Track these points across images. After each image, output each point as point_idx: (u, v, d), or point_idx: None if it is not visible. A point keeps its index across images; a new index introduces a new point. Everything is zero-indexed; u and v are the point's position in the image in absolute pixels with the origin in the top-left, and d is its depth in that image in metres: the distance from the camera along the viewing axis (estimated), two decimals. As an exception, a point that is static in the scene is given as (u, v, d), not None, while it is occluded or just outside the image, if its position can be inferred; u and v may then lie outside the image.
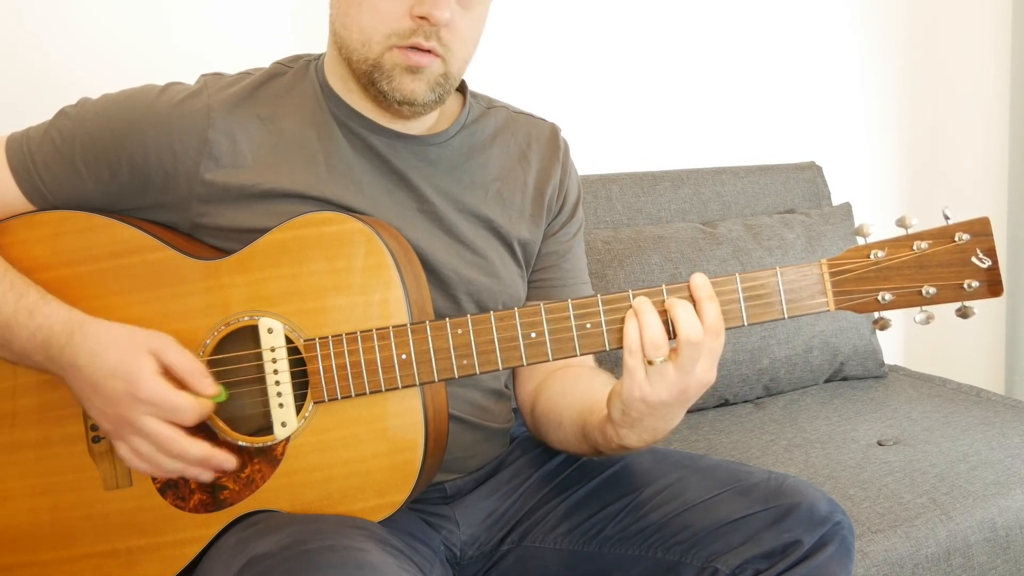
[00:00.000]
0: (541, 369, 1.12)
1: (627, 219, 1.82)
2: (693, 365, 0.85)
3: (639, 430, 0.90)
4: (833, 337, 1.83)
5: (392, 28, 0.95)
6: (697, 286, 0.86)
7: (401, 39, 0.95)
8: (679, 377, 0.85)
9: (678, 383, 0.85)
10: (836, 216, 1.94)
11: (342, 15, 0.98)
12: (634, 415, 0.88)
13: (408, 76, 0.96)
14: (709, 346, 0.85)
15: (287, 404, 0.93)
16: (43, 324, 0.91)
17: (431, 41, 0.95)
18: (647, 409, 0.87)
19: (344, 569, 0.78)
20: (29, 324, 0.91)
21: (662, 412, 0.88)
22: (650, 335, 0.85)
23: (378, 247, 0.93)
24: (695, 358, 0.85)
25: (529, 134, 1.15)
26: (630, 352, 0.86)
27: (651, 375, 0.85)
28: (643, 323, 0.85)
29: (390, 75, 0.96)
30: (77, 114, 1.00)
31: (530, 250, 1.13)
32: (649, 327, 0.85)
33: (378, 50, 0.96)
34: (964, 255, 0.87)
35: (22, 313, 0.92)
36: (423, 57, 0.96)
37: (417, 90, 0.97)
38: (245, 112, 1.00)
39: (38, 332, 0.91)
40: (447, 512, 1.08)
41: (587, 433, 0.98)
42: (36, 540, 0.96)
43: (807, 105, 2.22)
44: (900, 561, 1.25)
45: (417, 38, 0.95)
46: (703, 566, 0.96)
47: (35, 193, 0.99)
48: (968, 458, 1.47)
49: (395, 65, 0.96)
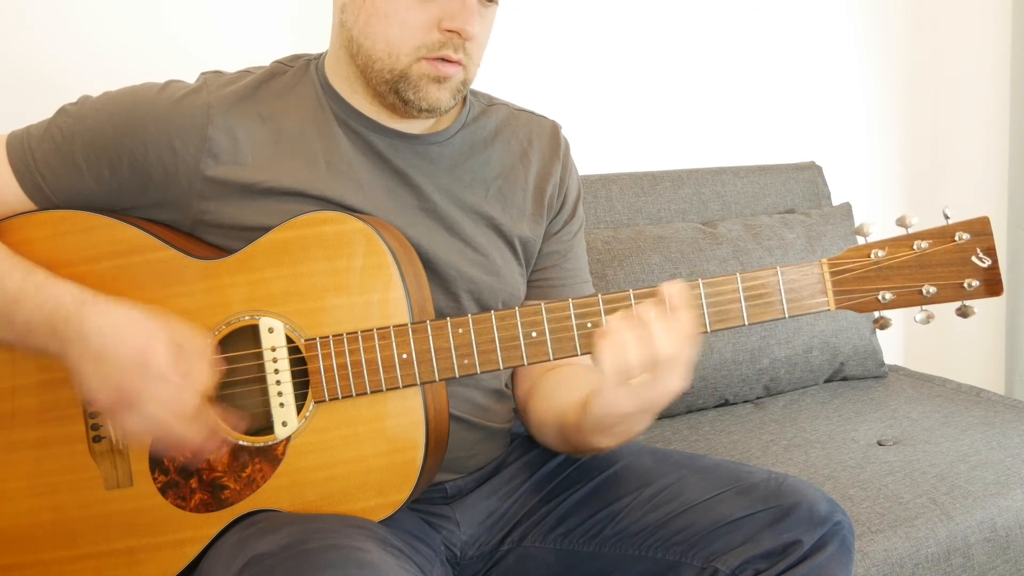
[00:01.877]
0: (534, 369, 1.12)
1: (627, 219, 1.82)
2: (670, 378, 0.86)
3: (611, 436, 0.94)
4: (833, 337, 1.83)
5: (421, 41, 0.96)
6: (671, 295, 0.87)
7: (430, 51, 0.97)
8: (647, 391, 0.87)
9: (646, 395, 0.87)
10: (836, 216, 1.94)
11: (363, 24, 0.98)
12: (606, 424, 0.91)
13: (434, 86, 0.98)
14: (684, 356, 0.86)
15: (288, 404, 0.93)
16: (51, 295, 0.91)
17: (459, 53, 0.97)
18: (620, 419, 0.90)
19: (344, 569, 0.78)
20: (36, 297, 0.91)
21: (630, 420, 0.90)
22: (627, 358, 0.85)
23: (379, 247, 0.93)
24: (673, 370, 0.86)
25: (530, 131, 1.15)
26: (605, 373, 0.86)
27: (626, 391, 0.87)
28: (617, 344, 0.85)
29: (417, 85, 0.98)
30: (77, 111, 1.00)
31: (531, 248, 1.13)
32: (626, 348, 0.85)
33: (406, 62, 0.97)
34: (964, 254, 0.87)
35: (30, 287, 0.92)
36: (451, 68, 0.98)
37: (442, 98, 0.99)
38: (245, 110, 1.00)
39: (45, 304, 0.91)
40: (447, 512, 1.08)
41: (566, 436, 1.01)
42: (37, 540, 0.96)
43: (807, 105, 2.22)
44: (900, 561, 1.25)
45: (446, 50, 0.97)
46: (703, 566, 0.96)
47: (36, 191, 0.99)
48: (968, 458, 1.47)
49: (422, 76, 0.97)
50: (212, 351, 0.92)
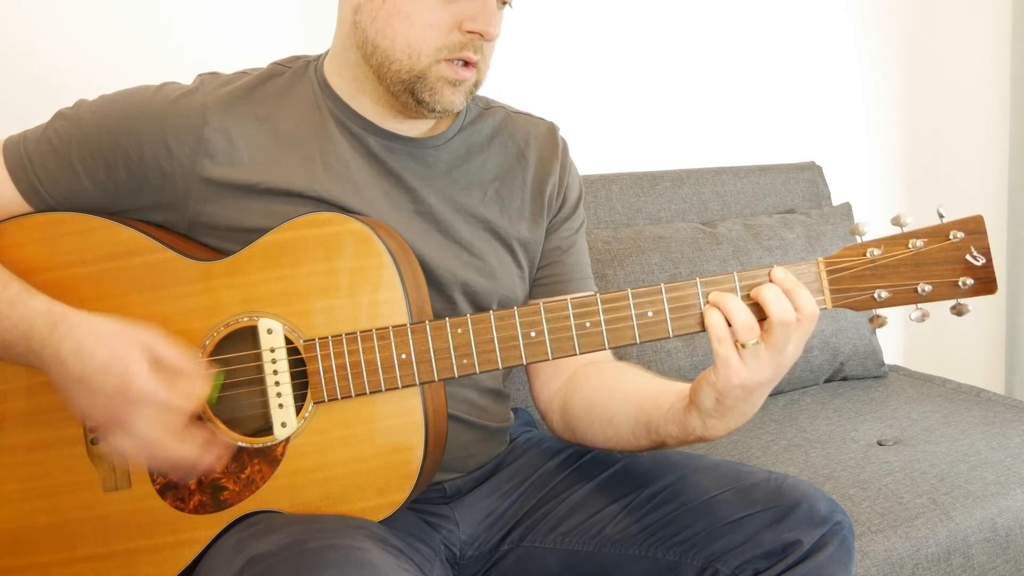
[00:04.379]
0: (564, 367, 1.12)
1: (627, 219, 1.82)
2: (786, 344, 0.86)
3: (729, 418, 0.90)
4: (833, 337, 1.83)
5: (443, 42, 0.97)
6: (781, 279, 0.87)
7: (451, 52, 0.97)
8: (772, 356, 0.86)
9: (771, 362, 0.86)
10: (836, 216, 1.94)
11: (381, 24, 0.98)
12: (729, 403, 0.88)
13: (450, 88, 0.99)
14: (805, 328, 0.87)
15: (287, 404, 0.93)
16: (25, 315, 0.90)
17: (478, 55, 0.98)
18: (744, 394, 0.88)
19: (344, 568, 0.78)
20: (11, 315, 0.90)
21: (757, 394, 0.89)
22: (740, 319, 0.86)
23: (377, 247, 0.93)
24: (788, 337, 0.86)
25: (527, 133, 1.15)
26: (719, 340, 0.86)
27: (745, 359, 0.86)
28: (729, 308, 0.86)
29: (433, 87, 0.98)
30: (74, 114, 1.00)
31: (532, 250, 1.13)
32: (737, 311, 0.86)
33: (426, 63, 0.97)
34: (959, 253, 0.87)
35: (4, 304, 0.91)
36: (468, 72, 0.99)
37: (456, 100, 1.00)
38: (241, 111, 1.00)
39: (20, 323, 0.90)
40: (447, 512, 1.08)
41: (654, 427, 0.97)
42: (35, 543, 0.96)
43: (807, 105, 2.22)
44: (900, 561, 1.25)
45: (467, 52, 0.97)
46: (703, 566, 0.96)
47: (32, 193, 0.99)
48: (968, 458, 1.47)
49: (440, 78, 0.98)
50: (197, 360, 0.91)
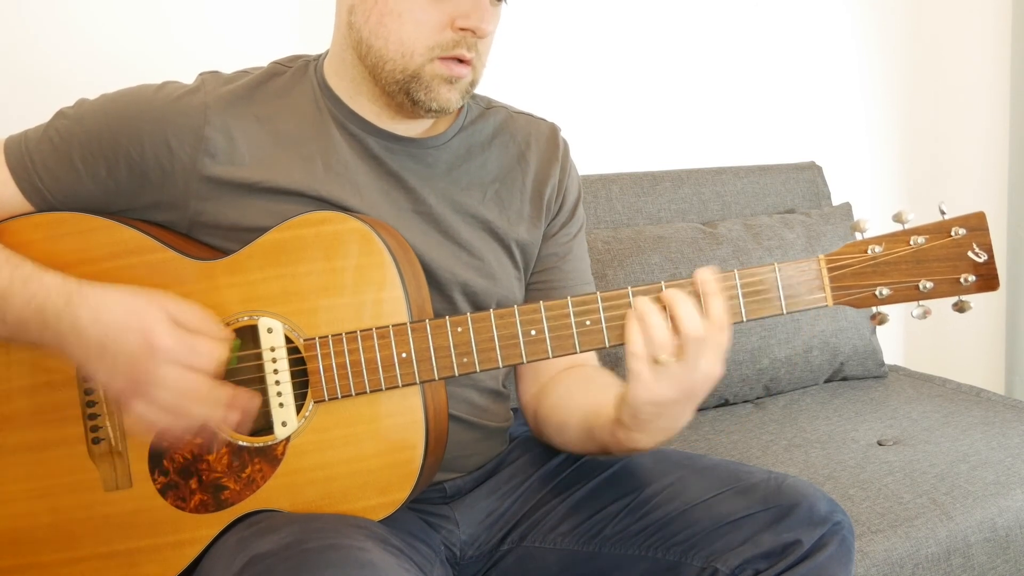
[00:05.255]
0: (543, 371, 1.12)
1: (627, 219, 1.82)
2: (697, 360, 0.85)
3: (649, 432, 0.90)
4: (833, 337, 1.83)
5: (436, 40, 0.96)
6: (702, 281, 0.87)
7: (444, 50, 0.97)
8: (685, 374, 0.85)
9: (684, 380, 0.86)
10: (836, 216, 1.94)
11: (374, 24, 0.98)
12: (643, 418, 0.88)
13: (446, 86, 0.98)
14: (715, 340, 0.86)
15: (287, 404, 0.93)
16: (38, 291, 0.91)
17: (471, 52, 0.98)
18: (656, 410, 0.87)
19: (344, 568, 0.78)
20: (24, 292, 0.91)
21: (672, 411, 0.88)
22: (652, 335, 0.85)
23: (377, 246, 0.93)
24: (699, 353, 0.85)
25: (528, 134, 1.15)
26: (634, 356, 0.86)
27: (657, 375, 0.85)
28: (646, 324, 0.85)
29: (428, 85, 0.98)
30: (75, 113, 1.00)
31: (529, 251, 1.13)
32: (652, 327, 0.85)
33: (420, 61, 0.97)
34: (960, 250, 0.87)
35: (17, 282, 0.91)
36: (463, 69, 0.98)
37: (452, 99, 0.99)
38: (242, 110, 1.00)
39: (33, 299, 0.90)
40: (447, 512, 1.08)
41: (595, 436, 0.98)
42: (36, 542, 0.96)
43: (807, 105, 2.22)
44: (900, 561, 1.25)
45: (460, 49, 0.97)
46: (703, 566, 0.96)
47: (33, 192, 0.99)
48: (968, 458, 1.47)
49: (435, 76, 0.97)
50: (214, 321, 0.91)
